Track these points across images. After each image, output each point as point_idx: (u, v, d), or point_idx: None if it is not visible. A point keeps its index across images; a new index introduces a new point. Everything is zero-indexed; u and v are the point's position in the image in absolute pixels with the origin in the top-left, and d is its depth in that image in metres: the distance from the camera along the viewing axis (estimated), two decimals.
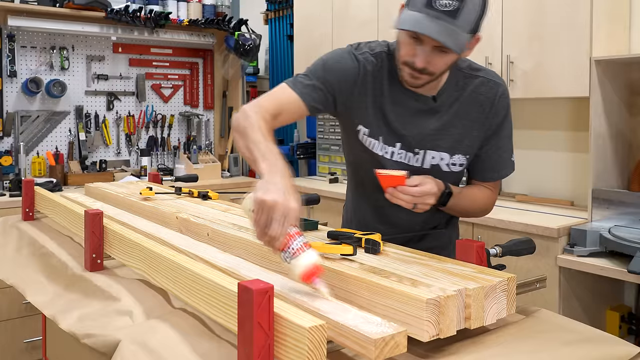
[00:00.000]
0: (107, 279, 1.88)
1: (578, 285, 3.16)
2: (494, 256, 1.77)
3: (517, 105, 4.07)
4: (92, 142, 5.18)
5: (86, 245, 2.02)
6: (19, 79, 4.81)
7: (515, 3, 3.55)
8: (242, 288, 1.18)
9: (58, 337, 2.49)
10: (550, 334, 1.44)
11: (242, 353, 1.19)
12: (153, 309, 1.59)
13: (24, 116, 4.85)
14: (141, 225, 2.24)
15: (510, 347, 1.36)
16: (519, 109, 4.09)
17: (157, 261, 1.71)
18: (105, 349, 1.43)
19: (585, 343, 1.41)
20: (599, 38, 3.25)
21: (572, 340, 1.41)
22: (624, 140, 3.41)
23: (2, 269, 2.30)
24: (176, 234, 2.13)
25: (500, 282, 1.41)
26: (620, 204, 3.16)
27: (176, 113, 5.68)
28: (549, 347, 1.37)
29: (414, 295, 1.27)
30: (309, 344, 1.12)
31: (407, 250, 1.75)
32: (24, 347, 4.09)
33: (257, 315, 1.16)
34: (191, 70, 5.75)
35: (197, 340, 1.38)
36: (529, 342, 1.39)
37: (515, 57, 3.55)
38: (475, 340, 1.37)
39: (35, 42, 4.90)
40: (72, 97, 5.07)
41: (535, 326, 1.49)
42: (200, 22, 5.37)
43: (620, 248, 2.83)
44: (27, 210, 2.87)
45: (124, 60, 5.37)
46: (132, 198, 2.64)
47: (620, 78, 3.37)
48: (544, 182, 3.96)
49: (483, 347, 1.35)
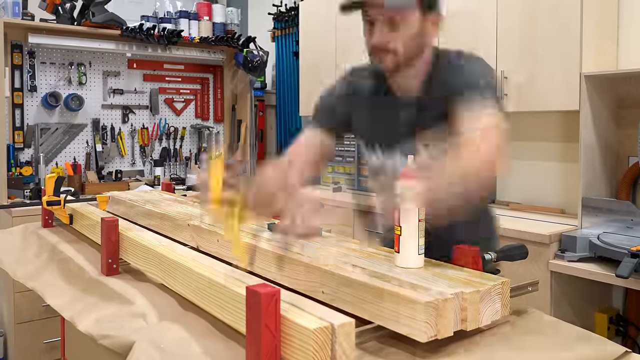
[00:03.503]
0: (122, 283, 1.88)
1: (569, 288, 3.16)
2: (489, 261, 1.77)
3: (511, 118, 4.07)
4: (108, 153, 5.19)
5: (103, 250, 2.03)
6: (39, 94, 4.83)
7: (509, 20, 3.55)
8: (250, 292, 1.19)
9: (76, 338, 2.49)
10: (541, 335, 1.44)
11: (250, 353, 1.20)
12: (166, 312, 1.59)
13: (43, 129, 4.86)
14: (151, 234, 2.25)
15: (503, 347, 1.36)
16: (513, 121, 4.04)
17: (170, 266, 1.71)
18: (121, 350, 1.43)
19: (575, 343, 1.41)
20: (589, 54, 3.25)
21: (562, 340, 1.41)
22: (612, 151, 3.41)
23: (23, 273, 2.31)
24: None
25: (495, 286, 1.41)
26: (608, 211, 3.15)
27: (188, 125, 5.69)
28: (540, 347, 1.38)
29: (414, 299, 1.27)
30: (314, 344, 1.12)
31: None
32: (43, 347, 4.10)
33: (264, 317, 1.16)
34: (202, 85, 5.76)
35: (208, 341, 1.39)
36: (521, 343, 1.39)
37: (509, 73, 3.55)
38: (471, 341, 1.37)
39: (55, 59, 4.91)
40: (89, 110, 5.09)
41: (528, 327, 1.49)
42: (210, 40, 5.39)
43: (608, 253, 2.82)
44: (47, 218, 2.88)
45: (139, 75, 5.39)
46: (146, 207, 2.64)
47: (609, 92, 3.37)
48: (537, 191, 3.96)
49: (478, 348, 1.35)
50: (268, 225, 2.01)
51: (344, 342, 1.17)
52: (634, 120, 3.22)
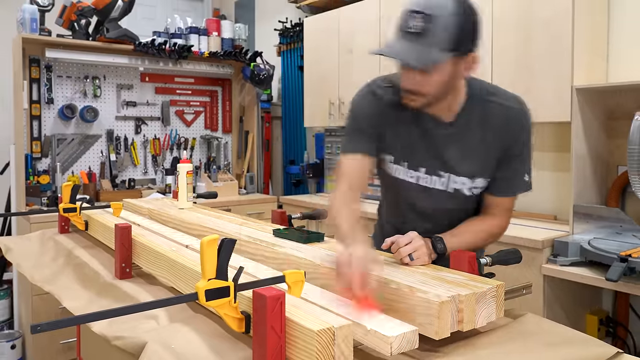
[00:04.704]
0: (135, 287, 1.88)
1: (561, 291, 3.15)
2: (484, 265, 1.77)
3: None
4: (122, 162, 5.20)
5: (116, 255, 2.03)
6: (55, 106, 4.84)
7: (505, 37, 3.56)
8: (256, 295, 1.19)
9: (91, 339, 2.49)
10: (535, 336, 1.44)
11: (256, 353, 1.20)
12: (176, 313, 1.60)
13: (60, 139, 4.87)
14: (165, 236, 2.25)
15: (498, 348, 1.36)
16: None
17: (179, 270, 1.72)
18: (133, 350, 1.43)
19: (567, 344, 1.41)
20: (580, 68, 3.25)
21: (555, 341, 1.41)
22: (602, 161, 3.41)
23: (41, 277, 2.31)
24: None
25: (490, 289, 1.41)
26: (598, 218, 3.15)
27: (197, 136, 5.70)
28: (534, 347, 1.38)
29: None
30: (317, 345, 1.13)
31: None
32: (60, 347, 4.10)
33: (270, 319, 1.16)
34: (211, 98, 5.77)
35: (216, 342, 1.39)
36: (516, 343, 1.39)
37: (505, 86, 3.52)
38: (467, 342, 1.37)
39: (71, 72, 4.93)
40: (103, 121, 5.10)
41: (522, 328, 1.49)
42: (219, 54, 5.40)
43: (598, 258, 2.82)
44: (63, 224, 2.88)
45: (151, 88, 5.40)
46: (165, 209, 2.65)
47: (599, 104, 3.37)
48: (530, 198, 3.95)
49: (474, 348, 1.35)
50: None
51: (342, 343, 1.17)
52: (623, 131, 3.22)
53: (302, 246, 1.94)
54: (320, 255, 1.78)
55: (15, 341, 4.27)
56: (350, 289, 1.38)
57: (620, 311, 3.34)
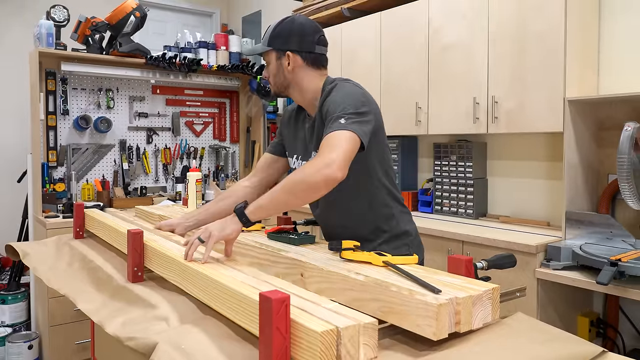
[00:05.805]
0: (146, 290, 1.88)
1: (553, 294, 3.15)
2: (480, 269, 1.77)
3: (502, 139, 4.09)
4: (134, 171, 5.21)
5: (129, 259, 2.03)
6: (70, 117, 4.86)
7: (500, 51, 3.56)
8: (262, 298, 1.19)
9: (104, 340, 2.49)
10: (526, 335, 1.44)
11: (262, 354, 1.20)
12: (186, 315, 1.60)
13: (75, 148, 4.88)
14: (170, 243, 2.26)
15: (492, 346, 1.36)
16: (503, 142, 4.10)
17: (190, 274, 1.72)
18: (145, 350, 1.44)
19: (556, 342, 1.41)
20: (572, 81, 3.26)
21: (545, 340, 1.41)
22: (593, 169, 3.41)
23: (56, 281, 2.31)
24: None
25: (486, 292, 1.41)
26: (589, 224, 3.15)
27: (206, 146, 5.71)
28: (525, 345, 1.38)
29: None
30: (320, 346, 1.13)
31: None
32: (75, 348, 4.10)
33: (275, 321, 1.16)
34: (219, 109, 5.78)
35: (224, 342, 1.39)
36: (508, 341, 1.39)
37: (500, 97, 3.56)
38: (463, 339, 1.37)
39: (85, 85, 4.94)
40: (116, 132, 5.11)
41: (514, 328, 1.48)
42: (227, 68, 5.41)
43: (590, 262, 2.82)
44: (78, 230, 2.89)
45: (162, 100, 5.41)
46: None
47: (590, 115, 3.37)
48: (524, 206, 3.95)
49: (469, 346, 1.35)
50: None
51: (348, 343, 1.18)
52: (613, 141, 3.22)
53: (304, 250, 1.94)
54: (322, 258, 1.78)
55: (32, 342, 4.27)
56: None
57: (610, 313, 3.34)
